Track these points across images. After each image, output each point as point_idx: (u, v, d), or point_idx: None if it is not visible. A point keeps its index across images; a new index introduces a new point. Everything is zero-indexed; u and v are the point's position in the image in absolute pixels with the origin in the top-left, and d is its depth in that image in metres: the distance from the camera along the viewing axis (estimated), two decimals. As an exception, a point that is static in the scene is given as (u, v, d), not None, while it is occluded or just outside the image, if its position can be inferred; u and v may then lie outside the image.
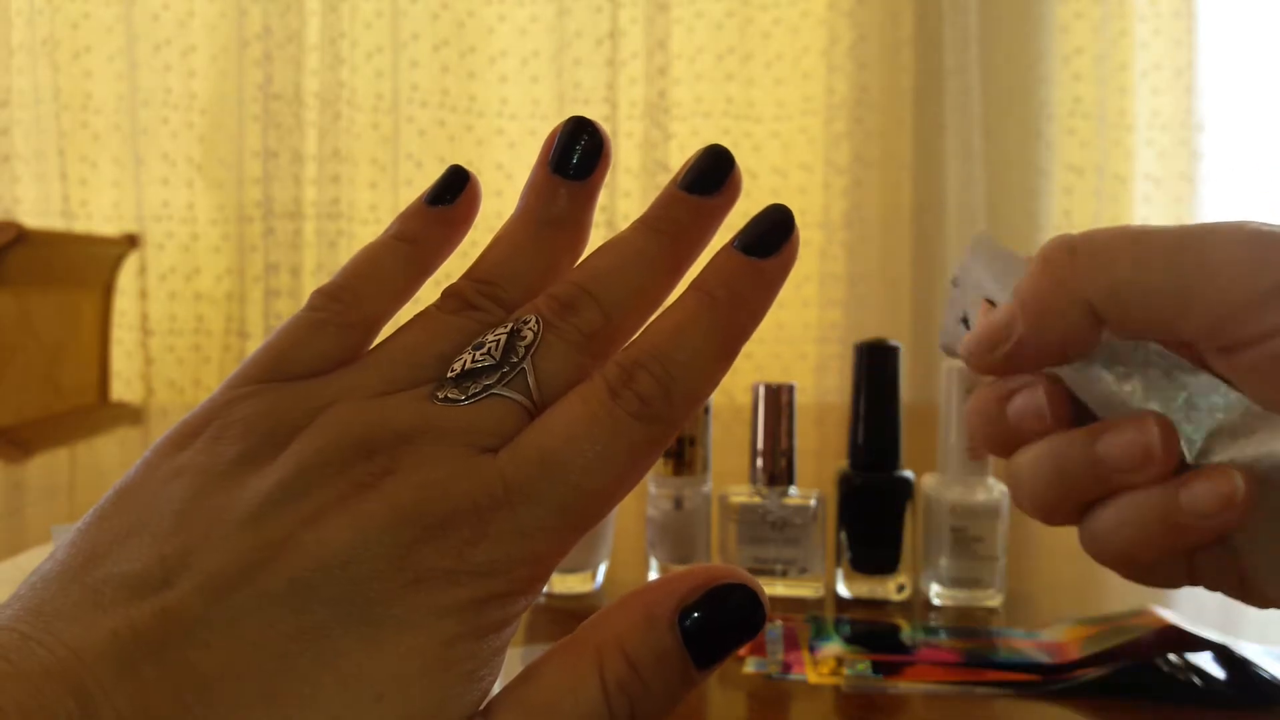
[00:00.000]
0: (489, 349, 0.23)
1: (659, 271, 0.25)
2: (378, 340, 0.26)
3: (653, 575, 0.55)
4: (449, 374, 0.23)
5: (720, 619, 0.21)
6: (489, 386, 0.23)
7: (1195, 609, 0.46)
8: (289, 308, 1.98)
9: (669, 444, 0.23)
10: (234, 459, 0.22)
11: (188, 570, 0.20)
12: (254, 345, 1.98)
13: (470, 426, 0.22)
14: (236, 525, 0.21)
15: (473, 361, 0.23)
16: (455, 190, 0.27)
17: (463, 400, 0.22)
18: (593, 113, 1.97)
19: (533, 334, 0.23)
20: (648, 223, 0.25)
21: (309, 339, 0.25)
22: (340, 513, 0.21)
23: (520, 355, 0.23)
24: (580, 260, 0.25)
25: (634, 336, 0.24)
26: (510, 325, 0.24)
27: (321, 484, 0.21)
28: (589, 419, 0.22)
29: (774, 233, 0.24)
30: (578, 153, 0.26)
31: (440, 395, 0.23)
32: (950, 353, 0.31)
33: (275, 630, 0.20)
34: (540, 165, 0.26)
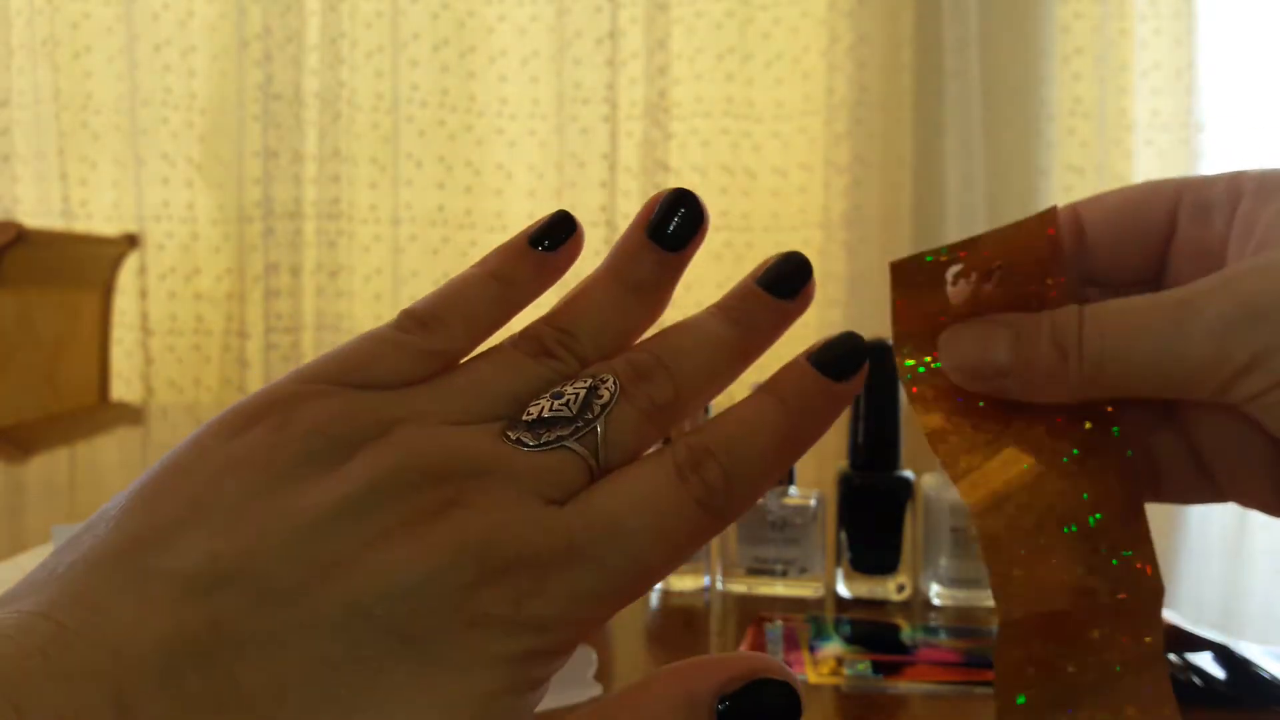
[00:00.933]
0: (567, 401, 0.23)
1: (730, 359, 0.25)
2: None
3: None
4: (524, 417, 0.23)
5: (757, 712, 0.21)
6: (562, 438, 0.23)
7: (1195, 609, 0.46)
8: (289, 307, 1.98)
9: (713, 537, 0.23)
10: (297, 458, 0.21)
11: (241, 577, 0.19)
12: (254, 345, 2.00)
13: (539, 473, 0.22)
14: (296, 534, 0.20)
15: (550, 410, 0.23)
16: (559, 237, 0.27)
17: (534, 445, 0.22)
18: (592, 113, 1.97)
19: (609, 395, 0.23)
20: (725, 311, 0.26)
21: (388, 355, 0.24)
22: (406, 539, 0.20)
23: (595, 414, 0.23)
24: (657, 332, 0.26)
25: (700, 420, 0.24)
26: (589, 382, 0.24)
27: (389, 504, 0.21)
28: (656, 495, 0.22)
29: (850, 358, 0.25)
30: (675, 223, 0.26)
31: (512, 436, 0.23)
32: None
33: (324, 654, 0.19)
34: (636, 228, 0.26)
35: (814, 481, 0.56)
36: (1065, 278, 0.28)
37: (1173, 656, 0.42)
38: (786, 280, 0.26)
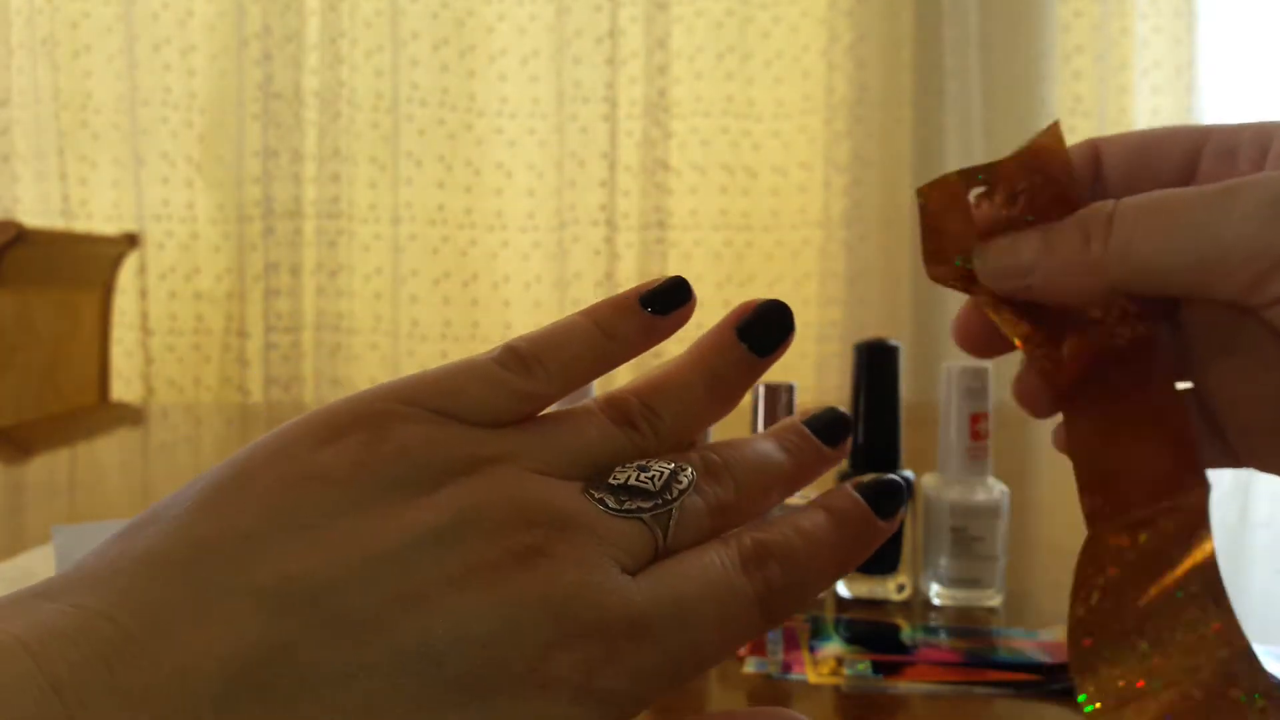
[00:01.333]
0: (653, 477, 0.24)
1: (781, 483, 0.27)
2: None
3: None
4: (610, 480, 0.24)
5: None
6: (641, 509, 0.23)
7: (1195, 608, 0.46)
8: (289, 307, 1.98)
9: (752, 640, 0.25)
10: (384, 480, 0.21)
11: (315, 604, 0.19)
12: (254, 345, 2.00)
13: (618, 538, 0.22)
14: (377, 562, 0.20)
15: (635, 480, 0.24)
16: (671, 304, 0.27)
17: (615, 509, 0.23)
18: (592, 111, 1.97)
19: (687, 482, 0.24)
20: (781, 440, 0.28)
21: (485, 391, 0.24)
22: (491, 583, 0.20)
23: (673, 496, 0.24)
24: (725, 441, 0.27)
25: (760, 518, 0.26)
26: (672, 466, 0.24)
27: (475, 541, 0.20)
28: (722, 583, 0.23)
29: (896, 500, 0.27)
30: (767, 331, 0.27)
31: (595, 495, 0.23)
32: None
33: (389, 695, 0.19)
34: (729, 326, 0.27)
35: (814, 482, 0.56)
36: (1082, 201, 0.29)
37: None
38: (832, 431, 0.28)
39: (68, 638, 0.17)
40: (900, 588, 0.52)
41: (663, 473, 0.24)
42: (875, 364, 0.52)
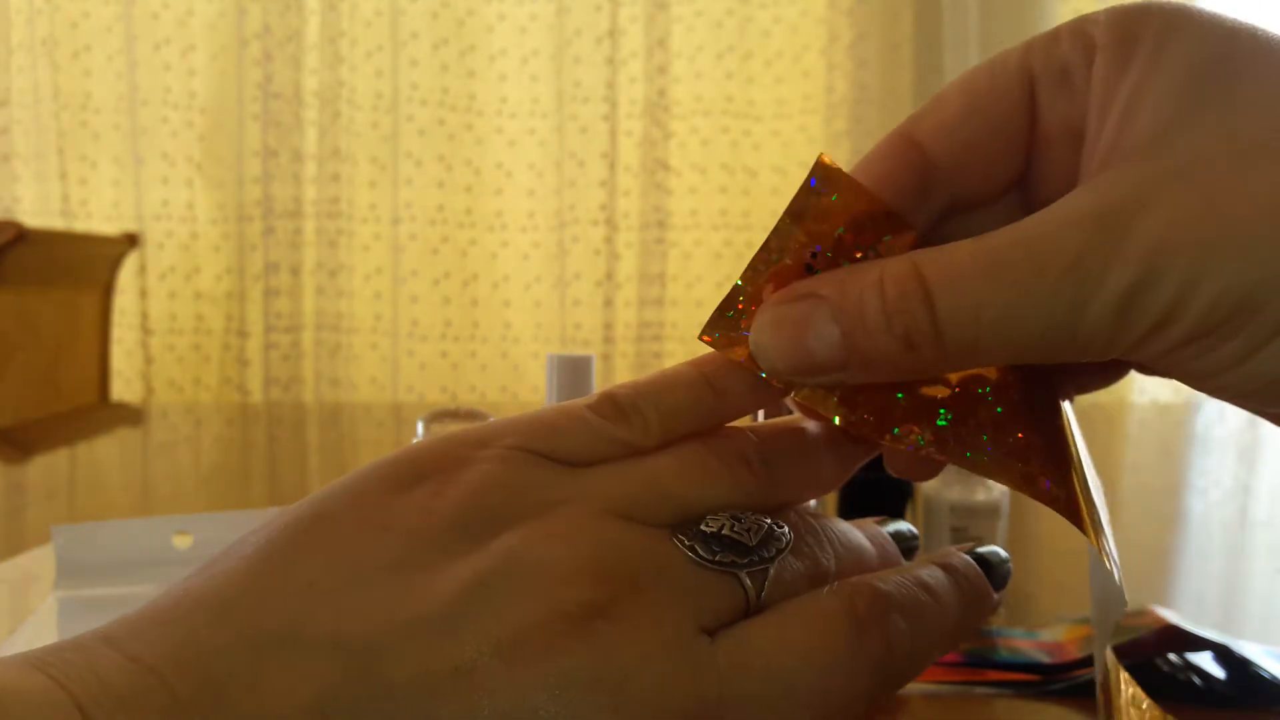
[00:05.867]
0: (749, 529, 0.22)
1: (874, 561, 0.25)
2: None
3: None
4: (703, 527, 0.21)
5: None
6: (735, 563, 0.21)
7: (1195, 609, 0.46)
8: (289, 307, 1.98)
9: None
10: (447, 528, 0.20)
11: (366, 672, 0.18)
12: (254, 344, 2.00)
13: (703, 594, 0.20)
14: (426, 624, 0.19)
15: (730, 531, 0.21)
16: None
17: (707, 560, 0.21)
18: (592, 111, 1.97)
19: (785, 542, 0.22)
20: (873, 539, 0.25)
21: (576, 433, 0.22)
22: (541, 654, 0.18)
23: (771, 553, 0.22)
24: (825, 517, 0.25)
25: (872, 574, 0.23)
26: (770, 522, 0.22)
27: (526, 598, 0.19)
28: (828, 645, 0.20)
29: (1003, 572, 0.25)
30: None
31: (685, 542, 0.21)
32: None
33: None
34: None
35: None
36: (913, 231, 0.23)
37: (1173, 656, 0.42)
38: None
39: (120, 699, 0.17)
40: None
41: (760, 526, 0.22)
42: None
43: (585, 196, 1.97)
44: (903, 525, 0.27)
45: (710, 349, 0.24)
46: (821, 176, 0.22)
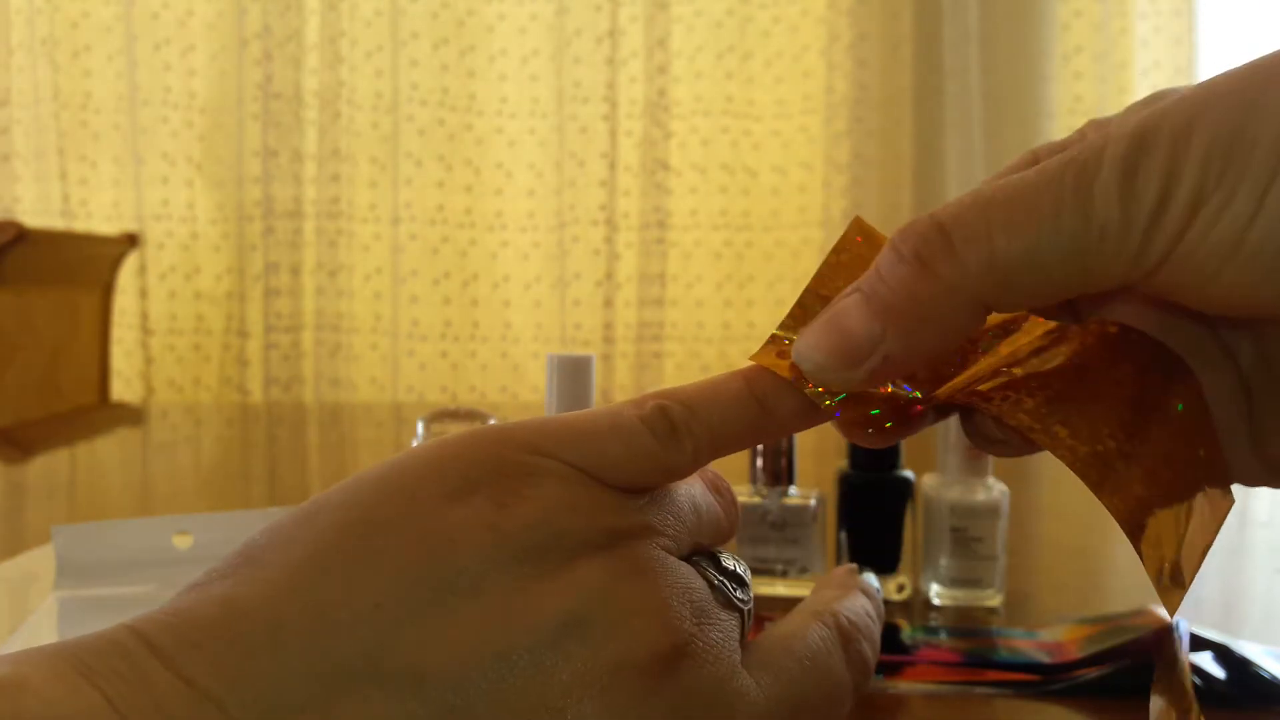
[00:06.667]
0: (742, 571, 0.24)
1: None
2: None
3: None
4: (724, 563, 0.23)
5: None
6: (743, 601, 0.23)
7: (1195, 609, 0.46)
8: (289, 307, 1.98)
9: None
10: (519, 551, 0.19)
11: (450, 712, 0.17)
12: (254, 344, 2.00)
13: (733, 627, 0.22)
14: (512, 662, 0.18)
15: (738, 568, 0.24)
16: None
17: (738, 596, 0.23)
18: (592, 111, 1.97)
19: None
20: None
21: (628, 454, 0.22)
22: (639, 696, 0.19)
23: (747, 599, 0.23)
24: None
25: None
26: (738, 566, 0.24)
27: (617, 641, 0.19)
28: (830, 672, 0.23)
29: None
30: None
31: (717, 580, 0.22)
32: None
33: None
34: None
35: (814, 481, 0.56)
36: None
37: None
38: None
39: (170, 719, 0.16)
40: (900, 588, 0.52)
41: (744, 566, 0.24)
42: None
43: (585, 196, 1.97)
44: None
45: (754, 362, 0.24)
46: (862, 233, 0.24)
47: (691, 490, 0.24)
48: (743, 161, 1.98)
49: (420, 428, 0.50)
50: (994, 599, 0.51)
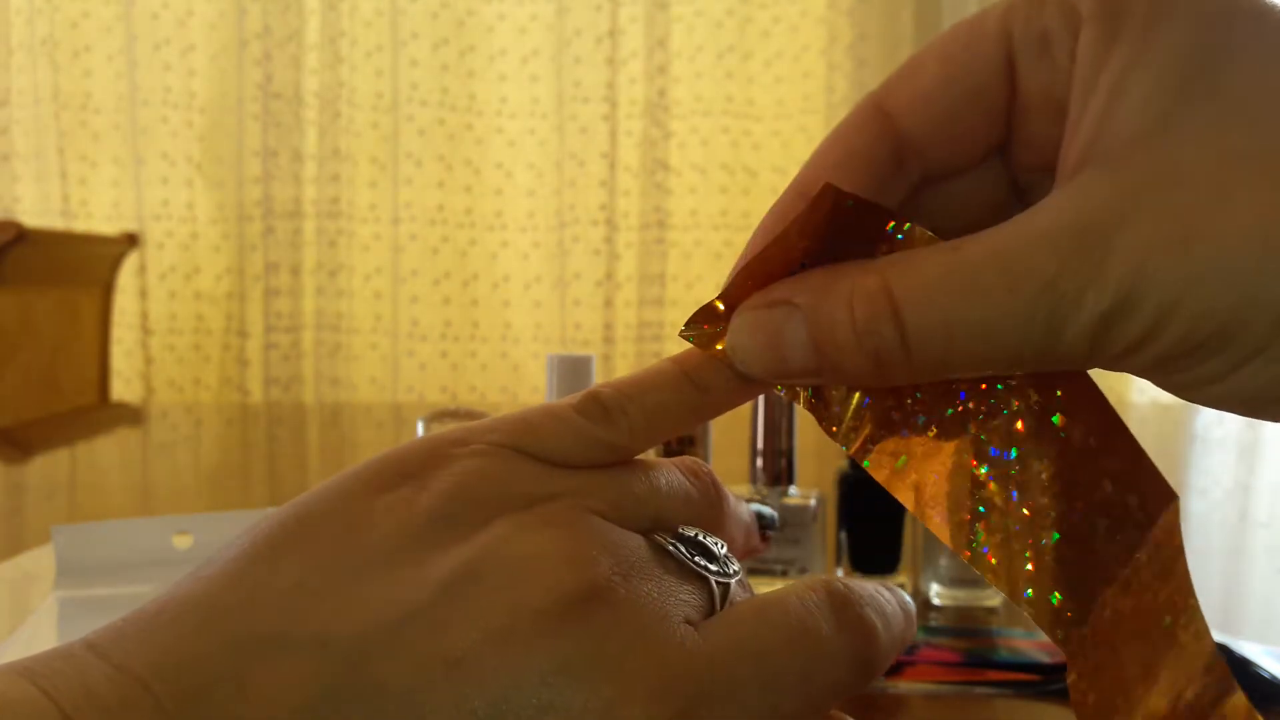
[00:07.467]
0: (717, 543, 0.23)
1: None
2: None
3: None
4: (681, 530, 0.22)
5: None
6: (708, 569, 0.22)
7: (1195, 608, 0.46)
8: (289, 307, 1.98)
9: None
10: (431, 520, 0.20)
11: (354, 670, 0.18)
12: (254, 344, 2.00)
13: (682, 589, 0.21)
14: (411, 620, 0.18)
15: (703, 538, 0.23)
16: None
17: (685, 558, 0.21)
18: (592, 111, 1.97)
19: (738, 566, 0.23)
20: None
21: (561, 433, 0.22)
22: (537, 637, 0.18)
23: (731, 573, 0.22)
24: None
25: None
26: (724, 548, 0.23)
27: (521, 586, 0.19)
28: (809, 630, 0.21)
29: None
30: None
31: (669, 541, 0.22)
32: None
33: None
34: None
35: (814, 481, 0.56)
36: (901, 230, 0.22)
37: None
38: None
39: (106, 710, 0.17)
40: (900, 587, 0.52)
41: (721, 544, 0.23)
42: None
43: (585, 196, 1.97)
44: (765, 509, 0.29)
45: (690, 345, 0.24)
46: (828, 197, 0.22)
47: (656, 471, 0.23)
48: (743, 162, 1.98)
49: (420, 428, 0.50)
50: (994, 599, 0.51)
